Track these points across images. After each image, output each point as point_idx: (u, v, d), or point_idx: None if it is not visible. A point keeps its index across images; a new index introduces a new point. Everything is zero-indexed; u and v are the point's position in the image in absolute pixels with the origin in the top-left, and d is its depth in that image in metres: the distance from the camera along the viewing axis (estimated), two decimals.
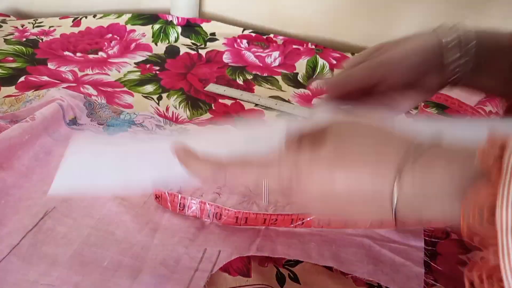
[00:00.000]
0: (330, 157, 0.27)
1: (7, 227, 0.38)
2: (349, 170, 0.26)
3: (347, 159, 0.26)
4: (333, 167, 0.27)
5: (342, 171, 0.26)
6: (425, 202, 0.25)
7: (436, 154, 0.25)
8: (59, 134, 0.50)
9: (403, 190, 0.25)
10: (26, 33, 0.73)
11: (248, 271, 0.38)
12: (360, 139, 0.27)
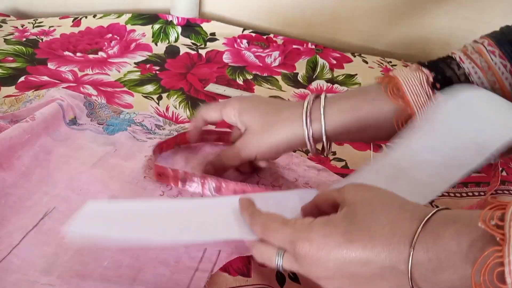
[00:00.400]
0: (346, 229, 0.28)
1: (7, 227, 0.38)
2: (361, 248, 0.27)
3: (359, 238, 0.27)
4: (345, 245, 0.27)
5: (355, 248, 0.27)
6: (439, 271, 0.26)
7: (442, 221, 0.26)
8: (59, 134, 0.50)
9: (417, 261, 0.26)
10: (26, 33, 0.73)
11: (248, 271, 0.38)
12: (374, 209, 0.29)
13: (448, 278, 0.25)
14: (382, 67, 0.80)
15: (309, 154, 0.55)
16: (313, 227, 0.29)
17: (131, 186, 0.45)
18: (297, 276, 0.39)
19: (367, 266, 0.27)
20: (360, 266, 0.27)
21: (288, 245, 0.30)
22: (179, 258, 0.38)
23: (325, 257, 0.28)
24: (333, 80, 0.73)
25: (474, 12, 0.81)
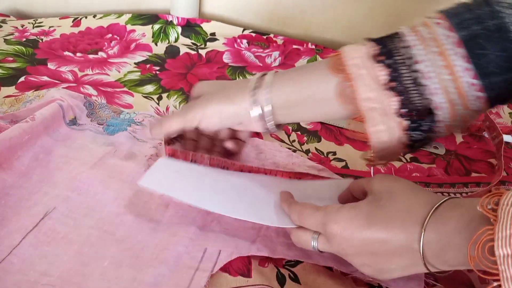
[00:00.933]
0: (369, 213, 0.33)
1: (7, 227, 0.38)
2: (381, 230, 0.32)
3: (380, 221, 0.32)
4: (368, 226, 0.33)
5: (376, 230, 0.32)
6: (447, 249, 0.30)
7: (450, 206, 0.31)
8: (59, 134, 0.50)
9: (428, 241, 0.31)
10: (26, 33, 0.73)
11: (248, 271, 0.38)
12: (395, 196, 0.34)
13: (455, 256, 0.29)
14: None
15: (309, 154, 0.55)
16: (341, 211, 0.34)
17: (131, 186, 0.45)
18: (297, 276, 0.39)
19: (386, 245, 0.32)
20: (380, 245, 0.32)
21: (321, 227, 0.35)
22: (179, 258, 0.38)
23: (350, 236, 0.33)
24: None
25: None
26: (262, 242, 0.41)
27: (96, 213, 0.41)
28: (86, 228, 0.40)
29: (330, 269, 0.40)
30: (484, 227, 0.27)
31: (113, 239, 0.39)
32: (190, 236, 0.40)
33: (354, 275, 0.39)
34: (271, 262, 0.40)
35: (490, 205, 0.27)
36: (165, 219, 0.42)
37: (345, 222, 0.33)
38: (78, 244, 0.38)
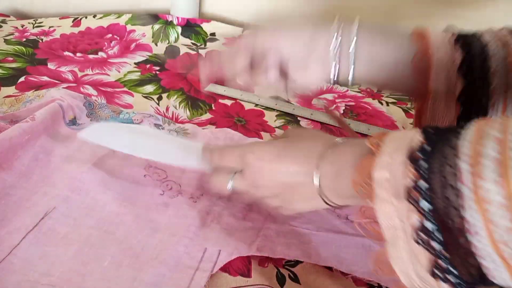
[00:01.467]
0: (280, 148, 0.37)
1: (7, 227, 0.38)
2: (288, 162, 0.36)
3: (287, 154, 0.37)
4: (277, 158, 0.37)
5: (284, 162, 0.36)
6: (340, 179, 0.33)
7: (347, 144, 0.35)
8: (59, 134, 0.50)
9: (324, 173, 0.34)
10: (26, 33, 0.73)
11: (248, 271, 0.38)
12: (303, 137, 0.38)
13: (346, 185, 0.33)
14: None
15: None
16: (258, 144, 0.40)
17: (131, 186, 0.45)
18: (297, 276, 0.39)
19: (291, 177, 0.36)
20: (286, 176, 0.36)
21: (239, 159, 0.38)
22: (179, 258, 0.38)
23: (262, 166, 0.37)
24: None
25: (475, 12, 0.81)
26: (262, 242, 0.41)
27: (96, 213, 0.41)
28: (86, 228, 0.40)
29: (330, 269, 0.40)
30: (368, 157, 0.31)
31: (113, 239, 0.39)
32: (190, 236, 0.40)
33: (354, 275, 0.39)
34: (271, 262, 0.40)
35: (376, 141, 0.31)
36: (165, 219, 0.42)
37: (260, 152, 0.37)
38: (78, 244, 0.38)
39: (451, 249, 0.28)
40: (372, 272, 0.39)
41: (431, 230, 0.28)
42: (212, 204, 0.44)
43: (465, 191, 0.26)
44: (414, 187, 0.28)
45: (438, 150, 0.28)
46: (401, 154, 0.29)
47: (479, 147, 0.26)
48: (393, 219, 0.29)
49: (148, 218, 0.42)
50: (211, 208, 0.44)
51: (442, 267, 0.28)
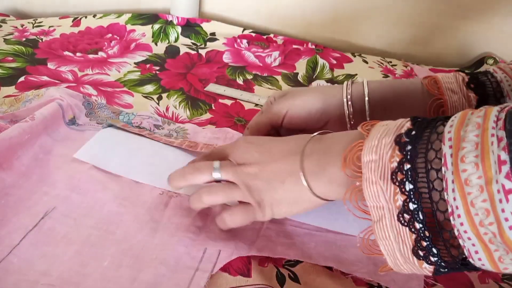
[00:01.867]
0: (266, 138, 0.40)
1: (7, 227, 0.38)
2: (282, 140, 0.39)
3: (272, 155, 0.38)
4: (272, 139, 0.39)
5: (278, 139, 0.39)
6: (329, 161, 0.34)
7: (325, 136, 0.37)
8: (59, 134, 0.50)
9: (310, 151, 0.36)
10: (26, 33, 0.72)
11: (248, 271, 0.38)
12: (275, 142, 0.39)
13: (334, 169, 0.34)
14: (382, 67, 0.80)
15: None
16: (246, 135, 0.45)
17: (130, 185, 0.45)
18: (297, 276, 0.39)
19: (279, 153, 0.37)
20: (273, 151, 0.38)
21: (225, 149, 0.41)
22: (179, 258, 0.38)
23: (251, 143, 0.39)
24: (333, 80, 0.73)
25: (475, 13, 0.81)
26: (262, 242, 0.41)
27: (95, 213, 0.41)
28: (86, 228, 0.40)
29: (330, 269, 0.40)
30: (358, 141, 0.32)
31: (112, 239, 0.39)
32: (190, 236, 0.40)
33: (354, 275, 0.39)
34: (271, 262, 0.40)
35: (368, 127, 0.33)
36: (165, 219, 0.42)
37: (250, 137, 0.42)
38: (78, 244, 0.38)
39: (433, 230, 0.29)
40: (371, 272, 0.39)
41: (414, 210, 0.29)
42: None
43: (447, 174, 0.27)
44: (399, 169, 0.29)
45: (424, 135, 0.29)
46: (389, 138, 0.30)
47: (462, 132, 0.27)
48: (379, 199, 0.30)
49: (148, 218, 0.42)
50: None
51: (425, 248, 0.29)
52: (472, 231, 0.27)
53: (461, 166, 0.27)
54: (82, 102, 0.55)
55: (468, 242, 0.27)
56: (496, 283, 0.41)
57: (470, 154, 0.26)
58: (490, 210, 0.26)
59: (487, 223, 0.26)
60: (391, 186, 0.29)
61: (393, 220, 0.30)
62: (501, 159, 0.25)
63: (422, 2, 0.81)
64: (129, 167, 0.47)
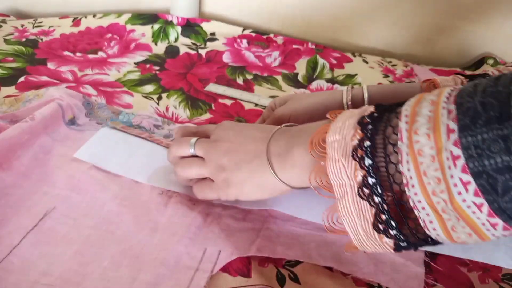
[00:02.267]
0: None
1: (7, 227, 0.38)
2: (255, 126, 0.42)
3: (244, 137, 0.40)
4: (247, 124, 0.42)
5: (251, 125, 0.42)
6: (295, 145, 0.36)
7: (296, 125, 0.39)
8: (58, 134, 0.50)
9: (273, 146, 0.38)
10: (26, 33, 0.72)
11: (248, 271, 0.38)
12: (250, 127, 0.42)
13: (300, 151, 0.36)
14: (382, 67, 0.80)
15: None
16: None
17: (130, 185, 0.45)
18: (297, 276, 0.39)
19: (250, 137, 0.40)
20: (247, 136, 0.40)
21: (206, 130, 0.44)
22: (179, 258, 0.38)
23: (227, 127, 0.41)
24: (333, 80, 0.73)
25: (475, 13, 0.81)
26: (262, 242, 0.41)
27: (95, 213, 0.41)
28: (85, 228, 0.40)
29: (330, 269, 0.40)
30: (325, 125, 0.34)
31: (112, 238, 0.39)
32: (190, 236, 0.40)
33: (354, 275, 0.39)
34: (271, 262, 0.40)
35: (335, 114, 0.35)
36: (165, 219, 0.42)
37: (234, 122, 0.43)
38: (78, 244, 0.38)
39: (390, 202, 0.30)
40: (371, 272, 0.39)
41: (373, 185, 0.30)
42: (212, 205, 0.44)
43: (402, 147, 0.29)
44: (360, 146, 0.31)
45: (384, 115, 0.32)
46: (352, 120, 0.32)
47: (417, 109, 0.29)
48: (342, 177, 0.32)
49: (147, 217, 0.42)
50: (211, 209, 0.44)
51: (383, 221, 0.31)
52: (425, 201, 0.28)
53: (414, 138, 0.28)
54: (82, 102, 0.55)
55: (422, 212, 0.29)
56: (496, 283, 0.41)
57: (423, 126, 0.28)
58: (441, 178, 0.27)
59: (438, 191, 0.27)
60: (352, 162, 0.31)
61: (354, 195, 0.31)
62: (450, 128, 0.27)
63: (422, 2, 0.81)
64: (129, 167, 0.47)
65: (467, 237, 0.28)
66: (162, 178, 0.46)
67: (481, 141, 0.26)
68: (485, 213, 0.27)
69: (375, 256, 0.41)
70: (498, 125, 0.25)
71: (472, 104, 0.27)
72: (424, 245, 0.32)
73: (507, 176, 0.25)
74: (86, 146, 0.48)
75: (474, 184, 0.26)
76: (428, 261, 0.42)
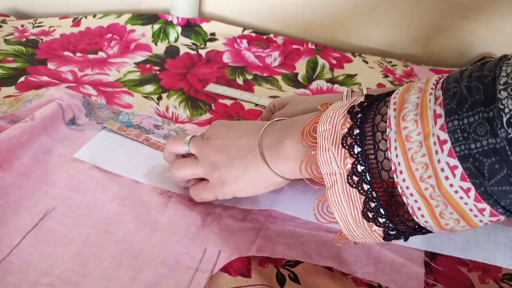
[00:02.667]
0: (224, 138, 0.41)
1: (7, 227, 0.38)
2: (244, 122, 0.41)
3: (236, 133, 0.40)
4: (237, 122, 0.42)
5: (242, 122, 0.42)
6: (286, 136, 0.36)
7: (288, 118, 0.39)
8: (58, 134, 0.50)
9: (266, 139, 0.38)
10: (26, 33, 0.72)
11: (248, 271, 0.38)
12: (242, 123, 0.42)
13: (291, 142, 0.36)
14: (382, 67, 0.80)
15: None
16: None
17: (130, 185, 0.45)
18: (297, 276, 0.39)
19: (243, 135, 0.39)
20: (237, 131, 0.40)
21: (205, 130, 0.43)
22: (179, 258, 0.38)
23: (218, 125, 0.41)
24: (333, 80, 0.73)
25: (474, 12, 0.81)
26: (262, 243, 0.41)
27: (95, 213, 0.41)
28: (85, 228, 0.40)
29: (330, 269, 0.40)
30: (315, 117, 0.34)
31: (112, 239, 0.39)
32: (190, 236, 0.40)
33: (354, 275, 0.39)
34: (271, 262, 0.40)
35: (326, 105, 0.35)
36: (165, 219, 0.42)
37: (227, 120, 0.43)
38: (77, 244, 0.38)
39: (379, 189, 0.31)
40: (371, 272, 0.39)
41: (361, 172, 0.31)
42: (212, 206, 0.44)
43: (391, 134, 0.29)
44: (349, 134, 0.31)
45: (374, 105, 0.32)
46: (342, 110, 0.33)
47: (405, 96, 0.30)
48: (332, 166, 0.32)
49: (147, 217, 0.42)
50: (211, 209, 0.44)
51: (373, 208, 0.31)
52: (413, 187, 0.28)
53: (402, 124, 0.28)
54: (82, 102, 0.55)
55: (411, 198, 0.29)
56: (496, 283, 0.41)
57: (411, 113, 0.28)
58: (429, 163, 0.27)
59: (426, 176, 0.28)
60: (342, 150, 0.31)
61: (344, 184, 0.31)
62: (437, 113, 0.27)
63: (422, 2, 0.81)
64: (129, 167, 0.47)
65: (455, 223, 0.28)
66: (162, 178, 0.46)
67: (467, 125, 0.26)
68: (472, 198, 0.27)
69: (375, 256, 0.41)
70: (484, 108, 0.25)
71: (458, 89, 0.27)
72: (413, 234, 0.32)
73: (493, 159, 0.25)
74: (86, 147, 0.48)
75: (461, 168, 0.26)
76: (428, 261, 0.42)
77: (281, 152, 0.37)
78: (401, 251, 0.42)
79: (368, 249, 0.42)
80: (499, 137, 0.25)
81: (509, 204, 0.26)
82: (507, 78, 0.25)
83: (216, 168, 0.40)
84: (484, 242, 0.44)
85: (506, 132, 0.24)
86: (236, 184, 0.39)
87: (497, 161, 0.25)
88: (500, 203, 0.26)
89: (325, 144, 0.32)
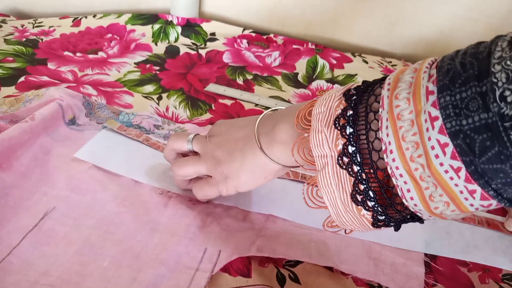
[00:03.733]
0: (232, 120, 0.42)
1: (7, 227, 0.38)
2: (237, 131, 0.40)
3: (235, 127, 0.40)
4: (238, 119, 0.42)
5: (242, 119, 0.42)
6: (281, 122, 0.36)
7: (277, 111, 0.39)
8: (58, 134, 0.50)
9: (262, 127, 0.38)
10: (26, 33, 0.72)
11: (248, 271, 0.38)
12: (242, 118, 0.42)
13: (286, 127, 0.36)
14: (382, 67, 0.80)
15: None
16: None
17: (130, 185, 0.45)
18: (297, 276, 0.39)
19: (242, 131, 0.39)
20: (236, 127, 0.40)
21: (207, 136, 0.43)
22: (179, 258, 0.38)
23: (220, 124, 0.42)
24: (333, 80, 0.73)
25: (475, 13, 0.81)
26: (262, 242, 0.41)
27: (95, 213, 0.41)
28: (85, 228, 0.40)
29: (330, 269, 0.40)
30: (310, 103, 0.34)
31: (112, 239, 0.39)
32: (190, 236, 0.40)
33: (354, 275, 0.39)
34: (271, 262, 0.40)
35: (323, 92, 0.35)
36: (165, 219, 0.42)
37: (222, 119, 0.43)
38: (78, 244, 0.38)
39: (368, 170, 0.30)
40: (371, 272, 0.39)
41: (352, 153, 0.30)
42: (212, 206, 0.44)
43: (383, 113, 0.29)
44: (342, 115, 0.31)
45: (369, 87, 0.32)
46: (338, 93, 0.32)
47: (400, 76, 0.29)
48: (323, 148, 0.32)
49: (147, 218, 0.42)
50: (211, 209, 0.44)
51: (362, 191, 0.30)
52: (403, 167, 0.28)
53: (394, 103, 0.28)
54: (82, 102, 0.55)
55: (400, 179, 0.28)
56: (496, 283, 0.41)
57: (404, 91, 0.28)
58: (419, 142, 0.27)
59: (416, 155, 0.27)
60: (334, 132, 0.31)
61: (334, 166, 0.31)
62: (429, 90, 0.27)
63: (421, 3, 0.81)
64: (129, 167, 0.47)
65: (445, 207, 0.28)
66: (162, 178, 0.46)
67: (460, 100, 0.25)
68: (463, 178, 0.26)
69: (375, 256, 0.41)
70: (477, 82, 0.25)
71: (452, 66, 0.26)
72: (404, 222, 0.31)
73: (485, 136, 0.24)
74: (86, 146, 0.48)
75: (451, 145, 0.25)
76: (428, 261, 0.42)
77: (275, 137, 0.36)
78: (401, 251, 0.42)
79: (368, 249, 0.42)
80: (491, 111, 0.24)
81: (500, 186, 0.25)
82: (502, 52, 0.24)
83: (218, 163, 0.40)
84: (483, 247, 0.44)
85: (499, 107, 0.23)
86: (238, 179, 0.39)
87: (488, 137, 0.24)
88: (491, 185, 0.26)
89: (318, 126, 0.32)
